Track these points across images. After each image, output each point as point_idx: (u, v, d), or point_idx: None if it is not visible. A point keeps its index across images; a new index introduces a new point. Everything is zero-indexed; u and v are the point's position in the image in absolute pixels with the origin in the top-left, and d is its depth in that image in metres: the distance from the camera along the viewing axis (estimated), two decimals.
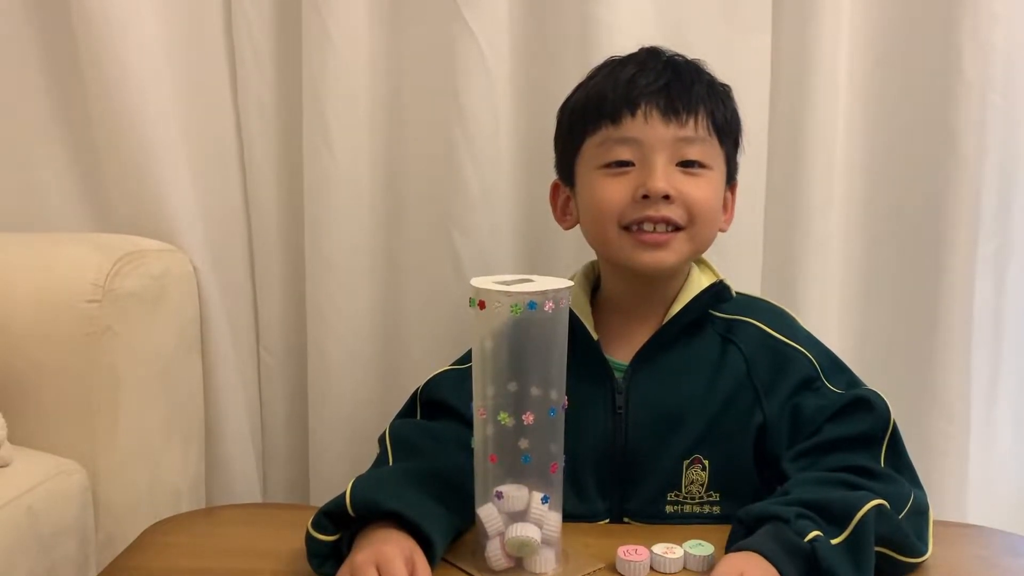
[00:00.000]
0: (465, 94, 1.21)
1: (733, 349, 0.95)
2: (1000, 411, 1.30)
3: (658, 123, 0.92)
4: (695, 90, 0.94)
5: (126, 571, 0.84)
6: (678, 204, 0.92)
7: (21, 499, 0.95)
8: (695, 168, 0.93)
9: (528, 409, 0.77)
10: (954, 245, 1.21)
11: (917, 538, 0.83)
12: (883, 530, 0.79)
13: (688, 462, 0.92)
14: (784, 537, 0.76)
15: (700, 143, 0.93)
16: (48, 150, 1.27)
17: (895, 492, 0.84)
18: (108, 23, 1.18)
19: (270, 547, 0.86)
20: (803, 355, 0.95)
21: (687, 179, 0.93)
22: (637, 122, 0.92)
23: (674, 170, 0.93)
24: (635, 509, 0.94)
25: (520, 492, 0.79)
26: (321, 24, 1.21)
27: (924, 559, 0.83)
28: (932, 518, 0.87)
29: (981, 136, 1.19)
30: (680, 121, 0.92)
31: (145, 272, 1.13)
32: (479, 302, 0.77)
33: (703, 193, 0.93)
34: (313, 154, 1.25)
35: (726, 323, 0.97)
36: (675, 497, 0.93)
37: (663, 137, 0.92)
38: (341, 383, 1.30)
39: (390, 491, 0.81)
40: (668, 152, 0.92)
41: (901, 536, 0.81)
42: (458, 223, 1.24)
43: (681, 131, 0.92)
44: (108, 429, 1.08)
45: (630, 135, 0.93)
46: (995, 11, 1.16)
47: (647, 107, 0.92)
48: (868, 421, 0.90)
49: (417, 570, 0.76)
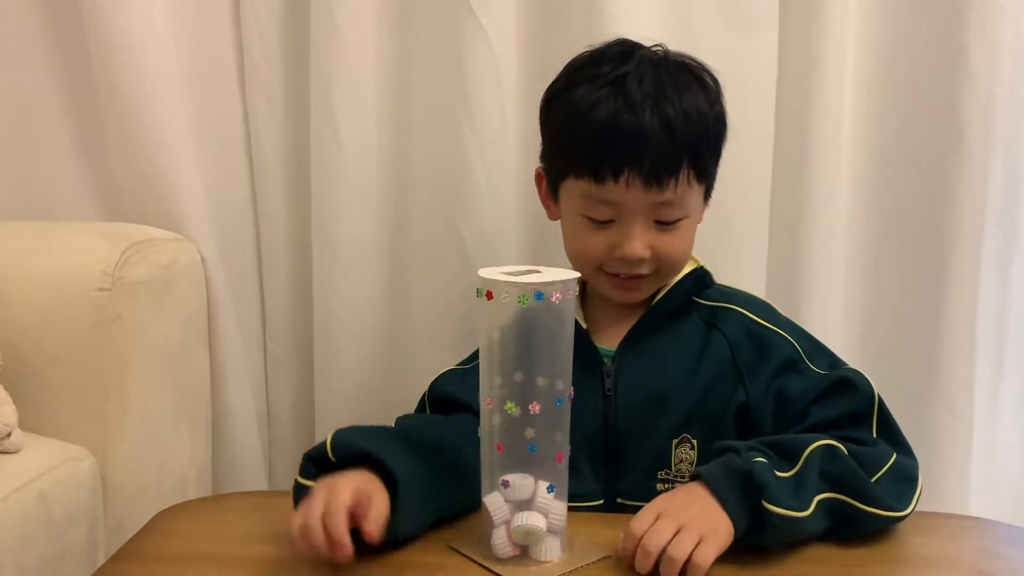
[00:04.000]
0: (473, 86, 1.22)
1: (717, 334, 0.97)
2: (1003, 403, 1.31)
3: (639, 191, 0.91)
4: (679, 135, 0.91)
5: (135, 556, 0.84)
6: (651, 260, 0.95)
7: (32, 485, 0.96)
8: (671, 224, 0.95)
9: (535, 399, 0.78)
10: (959, 238, 1.22)
11: (894, 497, 0.84)
12: (834, 469, 0.82)
13: (677, 441, 0.95)
14: (729, 463, 0.81)
15: (678, 202, 0.94)
16: (58, 140, 1.28)
17: (873, 452, 0.86)
18: (118, 15, 1.19)
19: (277, 533, 0.87)
20: (785, 339, 0.97)
21: (663, 236, 0.95)
22: (619, 187, 0.91)
23: (651, 228, 0.94)
24: (627, 489, 0.96)
25: (526, 481, 0.79)
26: (330, 16, 1.21)
27: (897, 516, 0.83)
28: (921, 486, 0.87)
29: (987, 130, 1.19)
30: (661, 187, 0.91)
31: (154, 261, 1.14)
32: (487, 292, 0.77)
33: (678, 245, 0.96)
34: (320, 146, 1.26)
35: (710, 310, 1.00)
36: (665, 475, 0.95)
37: (643, 203, 0.93)
38: (347, 372, 1.31)
39: (369, 437, 0.83)
40: (646, 215, 0.94)
41: (856, 479, 0.82)
42: (464, 214, 1.25)
43: (661, 196, 0.92)
44: (117, 416, 1.10)
45: (610, 198, 0.93)
46: (1002, 5, 1.17)
47: (630, 175, 0.90)
48: (853, 400, 0.91)
49: (372, 504, 0.77)
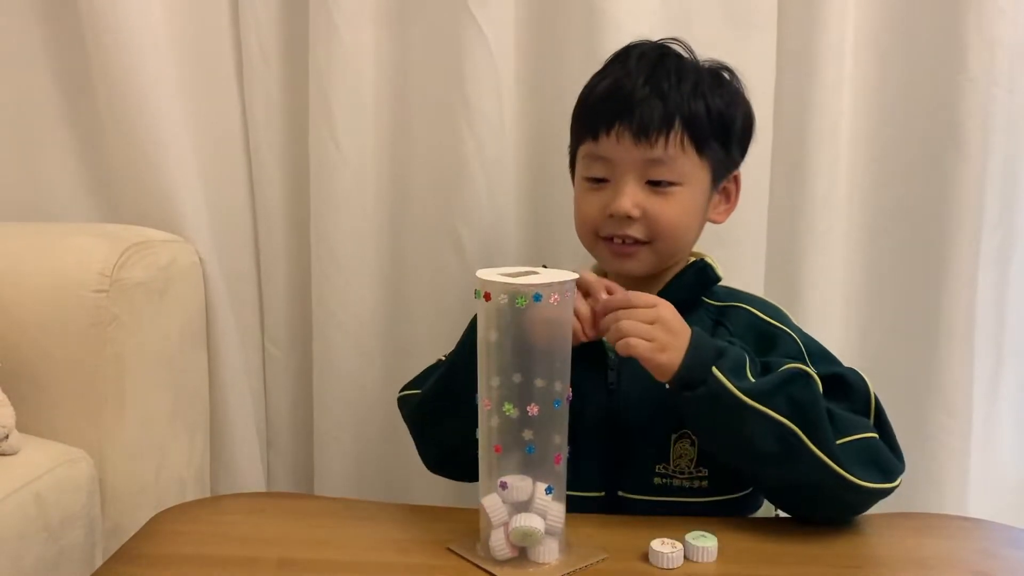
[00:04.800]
0: (471, 87, 1.22)
1: (723, 331, 0.98)
2: (1001, 405, 1.31)
3: (628, 144, 0.94)
4: (672, 102, 0.94)
5: (132, 558, 0.84)
6: (642, 222, 0.96)
7: (29, 487, 0.96)
8: (663, 187, 0.96)
9: (533, 400, 0.78)
10: (957, 239, 1.21)
11: (851, 461, 0.84)
12: (799, 393, 0.85)
13: (676, 436, 0.94)
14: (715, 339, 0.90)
15: (670, 162, 0.95)
16: (56, 141, 1.28)
17: (851, 418, 0.89)
18: (116, 16, 1.19)
19: (274, 535, 0.87)
20: (791, 337, 0.97)
21: (655, 198, 0.96)
22: (611, 141, 0.95)
23: (643, 188, 0.96)
24: (628, 483, 0.96)
25: (524, 483, 0.79)
26: (328, 17, 1.21)
27: (844, 477, 0.83)
28: (893, 486, 0.87)
29: (986, 130, 1.19)
30: (650, 142, 0.93)
31: (152, 263, 1.14)
32: (485, 294, 0.77)
33: (670, 212, 0.96)
34: (319, 147, 1.26)
35: (718, 309, 1.01)
36: (663, 470, 0.95)
37: (633, 158, 0.95)
38: (346, 374, 1.31)
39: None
40: (637, 171, 0.95)
41: (814, 410, 0.85)
42: (464, 215, 1.25)
43: (650, 152, 0.94)
44: (115, 418, 1.09)
45: (603, 154, 0.96)
46: (1000, 5, 1.16)
47: (620, 127, 0.94)
48: (850, 399, 0.92)
49: None
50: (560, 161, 1.08)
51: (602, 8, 1.18)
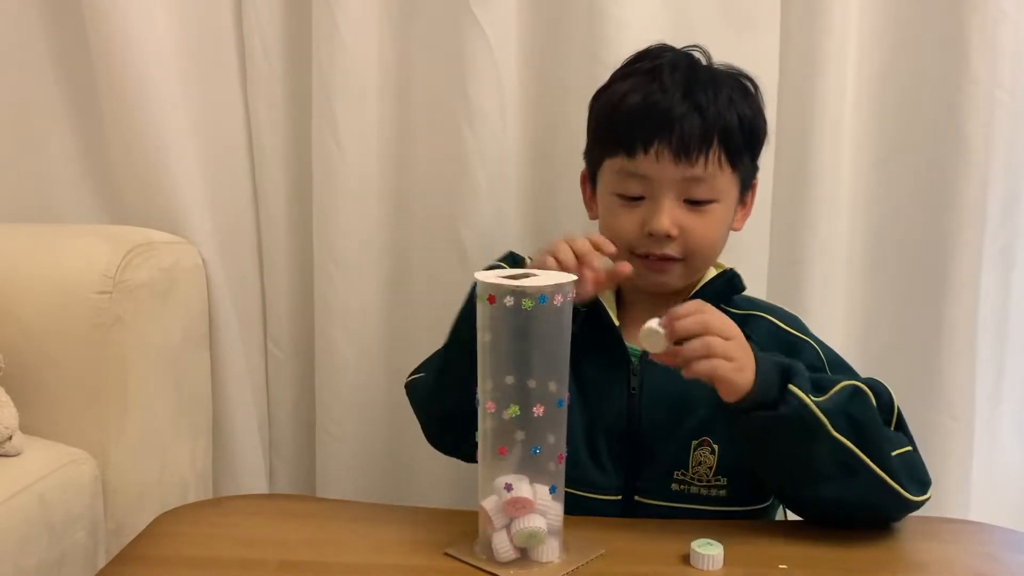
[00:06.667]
0: (473, 87, 1.22)
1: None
2: (1004, 408, 1.31)
3: (668, 163, 0.93)
4: (710, 116, 0.93)
5: (135, 560, 0.84)
6: (679, 240, 0.95)
7: (32, 488, 0.96)
8: (701, 205, 0.95)
9: (538, 401, 0.78)
10: (960, 241, 1.21)
11: (905, 478, 0.84)
12: (855, 410, 0.83)
13: (696, 443, 0.94)
14: (774, 356, 0.86)
15: (709, 180, 0.94)
16: (59, 142, 1.28)
17: (893, 433, 0.88)
18: (119, 16, 1.19)
19: (277, 537, 0.87)
20: (812, 346, 0.97)
21: (692, 216, 0.95)
22: (649, 159, 0.93)
23: (680, 206, 0.95)
24: (646, 487, 0.95)
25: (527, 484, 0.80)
26: (331, 18, 1.22)
27: (902, 494, 0.83)
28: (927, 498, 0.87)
29: (988, 134, 1.19)
30: (690, 161, 0.93)
31: (155, 264, 1.14)
32: (488, 296, 0.77)
33: (706, 229, 0.96)
34: (322, 148, 1.26)
35: (740, 318, 0.98)
36: (681, 476, 0.94)
37: (672, 176, 0.94)
38: (348, 375, 1.31)
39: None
40: (676, 190, 0.94)
41: (873, 427, 0.84)
42: (465, 216, 1.25)
43: (690, 171, 0.93)
44: (118, 419, 1.10)
45: (641, 171, 0.94)
46: (1003, 9, 1.16)
47: (659, 145, 0.92)
48: (879, 408, 0.90)
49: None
50: (560, 161, 1.08)
51: (604, 8, 1.18)
